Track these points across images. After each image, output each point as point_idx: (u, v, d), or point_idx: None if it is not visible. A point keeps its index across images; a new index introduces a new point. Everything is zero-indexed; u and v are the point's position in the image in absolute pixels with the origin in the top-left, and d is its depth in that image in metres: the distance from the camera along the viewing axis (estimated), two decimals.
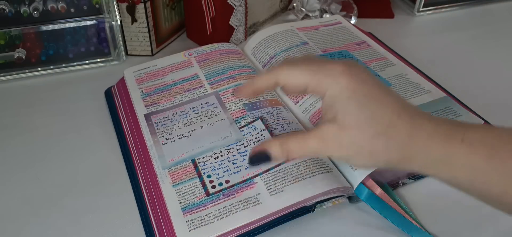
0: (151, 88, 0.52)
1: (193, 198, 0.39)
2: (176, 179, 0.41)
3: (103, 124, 0.52)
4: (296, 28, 0.61)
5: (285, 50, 0.56)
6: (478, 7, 0.79)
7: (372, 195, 0.41)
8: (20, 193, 0.44)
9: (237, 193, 0.39)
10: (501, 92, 0.58)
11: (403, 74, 0.54)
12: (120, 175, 0.45)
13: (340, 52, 0.57)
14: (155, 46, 0.65)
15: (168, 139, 0.45)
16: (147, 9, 0.60)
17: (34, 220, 0.41)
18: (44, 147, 0.49)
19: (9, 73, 0.59)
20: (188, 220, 0.37)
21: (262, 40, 0.59)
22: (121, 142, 0.49)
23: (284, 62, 0.37)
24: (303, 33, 0.60)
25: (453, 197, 0.43)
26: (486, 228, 0.40)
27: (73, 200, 0.43)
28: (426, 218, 0.41)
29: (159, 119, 0.48)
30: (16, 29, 0.57)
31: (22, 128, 0.51)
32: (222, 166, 0.42)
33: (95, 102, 0.55)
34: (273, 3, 0.71)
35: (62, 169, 0.46)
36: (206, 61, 0.55)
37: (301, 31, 0.60)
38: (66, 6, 0.57)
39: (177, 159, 0.43)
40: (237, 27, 0.65)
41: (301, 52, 0.56)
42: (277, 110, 0.48)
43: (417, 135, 0.32)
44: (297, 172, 0.41)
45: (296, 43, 0.58)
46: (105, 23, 0.60)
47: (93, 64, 0.62)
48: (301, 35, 0.59)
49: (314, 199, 0.40)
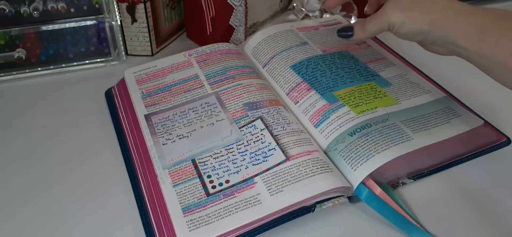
0: (151, 88, 0.52)
1: (193, 198, 0.39)
2: (176, 179, 0.41)
3: (103, 124, 0.52)
4: (296, 28, 0.61)
5: (285, 50, 0.56)
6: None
7: (372, 195, 0.41)
8: (20, 192, 0.44)
9: (237, 193, 0.39)
10: (501, 92, 0.57)
11: (403, 74, 0.54)
12: (120, 175, 0.45)
13: (340, 52, 0.57)
14: (155, 46, 0.65)
15: (168, 139, 0.45)
16: (147, 9, 0.60)
17: (34, 220, 0.41)
18: (44, 147, 0.49)
19: (9, 73, 0.59)
20: (188, 220, 0.38)
21: (262, 40, 0.59)
22: (121, 142, 0.49)
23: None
24: (303, 33, 0.60)
25: (453, 197, 0.43)
26: (486, 228, 0.41)
27: (73, 200, 0.43)
28: (426, 218, 0.41)
29: (159, 119, 0.48)
30: (16, 29, 0.57)
31: (22, 128, 0.51)
32: (222, 166, 0.42)
33: (95, 102, 0.55)
34: (273, 3, 0.71)
35: (62, 169, 0.46)
36: (206, 62, 0.55)
37: (301, 31, 0.60)
38: (66, 6, 0.57)
39: (177, 159, 0.43)
40: (237, 27, 0.65)
41: (301, 52, 0.56)
42: (277, 110, 0.48)
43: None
44: (297, 172, 0.41)
45: (296, 43, 0.58)
46: (105, 23, 0.60)
47: (93, 64, 0.62)
48: (301, 35, 0.59)
49: (314, 199, 0.40)
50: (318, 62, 0.54)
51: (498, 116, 0.52)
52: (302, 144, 0.44)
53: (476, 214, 0.41)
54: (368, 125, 0.45)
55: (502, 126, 0.51)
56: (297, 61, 0.55)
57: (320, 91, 0.50)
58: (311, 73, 0.52)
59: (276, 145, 0.43)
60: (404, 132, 0.45)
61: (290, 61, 0.55)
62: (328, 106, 0.48)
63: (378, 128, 0.45)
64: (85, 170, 0.46)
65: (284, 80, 0.53)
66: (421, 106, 0.49)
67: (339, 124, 0.46)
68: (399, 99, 0.50)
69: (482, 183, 0.45)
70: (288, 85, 0.53)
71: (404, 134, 0.44)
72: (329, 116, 0.47)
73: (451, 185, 0.44)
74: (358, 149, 0.43)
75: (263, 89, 0.51)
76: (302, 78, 0.52)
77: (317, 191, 0.39)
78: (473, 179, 0.45)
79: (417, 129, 0.45)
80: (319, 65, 0.54)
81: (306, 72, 0.53)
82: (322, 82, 0.51)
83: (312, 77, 0.52)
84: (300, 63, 0.54)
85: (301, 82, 0.52)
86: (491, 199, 0.43)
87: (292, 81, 0.53)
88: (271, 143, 0.44)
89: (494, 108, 0.51)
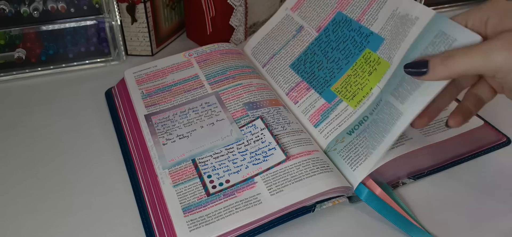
0: (151, 89, 0.52)
1: (193, 198, 0.39)
2: (177, 179, 0.41)
3: (103, 124, 0.52)
4: (290, 9, 0.60)
5: (283, 47, 0.56)
6: None
7: (372, 195, 0.41)
8: (20, 192, 0.44)
9: (238, 193, 0.40)
10: None
11: (394, 10, 0.52)
12: (120, 175, 0.45)
13: (334, 20, 0.54)
14: (155, 46, 0.65)
15: (169, 139, 0.45)
16: (147, 9, 0.60)
17: (33, 220, 0.41)
18: (44, 147, 0.49)
19: (9, 73, 0.59)
20: (188, 220, 0.38)
21: (262, 40, 0.59)
22: (121, 142, 0.49)
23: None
24: (297, 13, 0.59)
25: (453, 197, 0.43)
26: (486, 228, 0.41)
27: (73, 200, 0.43)
28: (426, 218, 0.41)
29: (159, 119, 0.48)
30: (16, 29, 0.57)
31: (22, 128, 0.51)
32: (222, 165, 0.42)
33: (95, 102, 0.55)
34: (273, 3, 0.71)
35: (62, 169, 0.46)
36: (206, 62, 0.55)
37: (295, 12, 0.59)
38: (66, 6, 0.57)
39: (177, 159, 0.43)
40: (237, 27, 0.65)
41: (298, 44, 0.55)
42: (277, 110, 0.48)
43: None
44: (297, 171, 0.41)
45: (292, 33, 0.57)
46: (105, 23, 0.60)
47: (93, 64, 0.62)
48: (296, 18, 0.59)
49: (314, 199, 0.40)
50: (315, 51, 0.54)
51: (498, 117, 0.52)
52: (302, 143, 0.44)
53: (476, 214, 0.42)
54: (365, 118, 0.45)
55: (502, 126, 0.51)
56: (295, 58, 0.55)
57: (318, 90, 0.50)
58: (309, 70, 0.52)
59: (276, 144, 0.43)
60: (395, 109, 0.42)
61: (289, 59, 0.55)
62: (326, 106, 0.48)
63: (373, 118, 0.44)
64: (85, 170, 0.46)
65: (283, 80, 0.53)
66: (411, 47, 0.43)
67: (338, 123, 0.46)
68: (391, 55, 0.46)
69: (482, 183, 0.45)
70: (287, 85, 0.53)
71: (395, 112, 0.41)
72: (328, 115, 0.47)
73: (451, 185, 0.45)
74: (357, 148, 0.43)
75: (263, 89, 0.51)
76: (301, 77, 0.52)
77: (317, 191, 0.39)
78: (473, 179, 0.45)
79: (404, 97, 0.41)
80: (316, 55, 0.53)
81: (305, 70, 0.53)
82: (320, 77, 0.51)
83: (310, 74, 0.52)
84: (298, 60, 0.54)
85: (301, 82, 0.52)
86: (491, 199, 0.43)
87: (292, 81, 0.53)
88: (271, 142, 0.44)
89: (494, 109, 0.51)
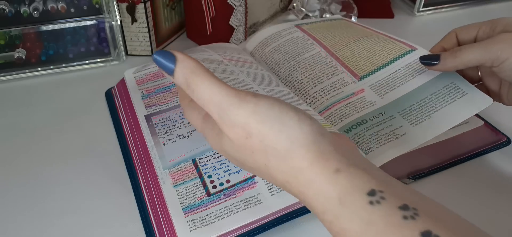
0: (151, 89, 0.52)
1: (194, 198, 0.39)
2: (177, 180, 0.41)
3: (103, 124, 0.52)
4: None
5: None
6: (478, 7, 0.79)
7: None
8: (20, 193, 0.44)
9: (238, 193, 0.40)
10: None
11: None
12: (121, 176, 0.45)
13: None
14: (155, 46, 0.65)
15: (169, 139, 0.45)
16: (147, 9, 0.60)
17: (33, 220, 0.41)
18: (44, 147, 0.49)
19: (9, 73, 0.59)
20: (189, 220, 0.38)
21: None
22: (121, 142, 0.49)
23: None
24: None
25: (453, 197, 0.43)
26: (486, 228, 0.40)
27: (73, 201, 0.43)
28: None
29: (159, 119, 0.48)
30: (16, 29, 0.57)
31: (22, 128, 0.51)
32: (222, 165, 0.42)
33: (95, 102, 0.55)
34: (273, 3, 0.71)
35: (62, 169, 0.46)
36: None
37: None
38: (66, 6, 0.57)
39: (177, 159, 0.43)
40: (237, 27, 0.65)
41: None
42: None
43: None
44: None
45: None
46: (105, 23, 0.60)
47: (93, 64, 0.62)
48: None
49: None
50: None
51: (498, 117, 0.52)
52: None
53: (476, 214, 0.41)
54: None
55: (502, 126, 0.51)
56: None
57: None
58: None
59: None
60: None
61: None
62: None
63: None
64: (85, 170, 0.46)
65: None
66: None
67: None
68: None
69: (482, 183, 0.45)
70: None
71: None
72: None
73: (451, 185, 0.45)
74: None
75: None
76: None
77: None
78: (473, 179, 0.45)
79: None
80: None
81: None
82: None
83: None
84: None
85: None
86: (491, 200, 0.43)
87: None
88: None
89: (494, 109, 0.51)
